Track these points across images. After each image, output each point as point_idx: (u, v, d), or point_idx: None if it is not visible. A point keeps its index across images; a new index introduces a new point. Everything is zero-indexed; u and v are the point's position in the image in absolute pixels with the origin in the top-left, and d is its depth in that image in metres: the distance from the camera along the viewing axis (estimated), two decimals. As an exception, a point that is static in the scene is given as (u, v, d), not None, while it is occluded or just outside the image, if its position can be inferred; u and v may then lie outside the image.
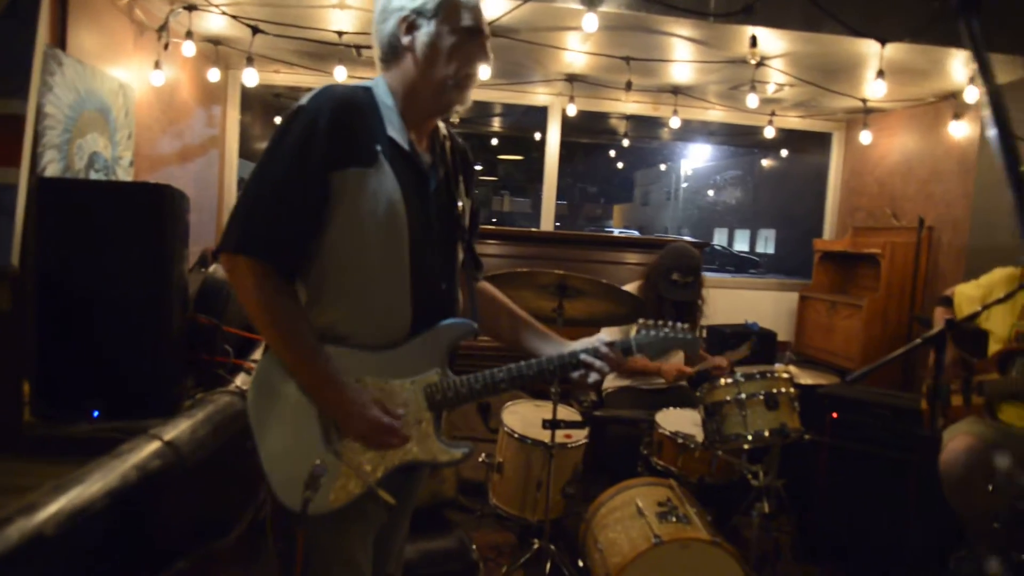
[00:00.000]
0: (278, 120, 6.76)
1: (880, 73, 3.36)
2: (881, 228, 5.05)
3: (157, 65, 3.73)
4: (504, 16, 3.38)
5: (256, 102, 5.98)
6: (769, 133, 4.86)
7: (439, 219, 1.57)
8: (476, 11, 1.53)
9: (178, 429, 1.77)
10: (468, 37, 1.50)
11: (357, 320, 1.47)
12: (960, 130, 4.36)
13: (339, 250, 1.44)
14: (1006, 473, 2.69)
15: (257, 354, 2.44)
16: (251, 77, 3.84)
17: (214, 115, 4.98)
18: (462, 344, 1.61)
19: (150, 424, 1.91)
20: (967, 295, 3.02)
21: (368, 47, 4.03)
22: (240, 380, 2.35)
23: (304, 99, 1.45)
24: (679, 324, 1.68)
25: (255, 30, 3.62)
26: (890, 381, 4.57)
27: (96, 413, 2.18)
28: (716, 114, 5.44)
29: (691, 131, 5.70)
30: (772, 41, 3.53)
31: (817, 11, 3.09)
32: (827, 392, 3.49)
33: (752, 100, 4.01)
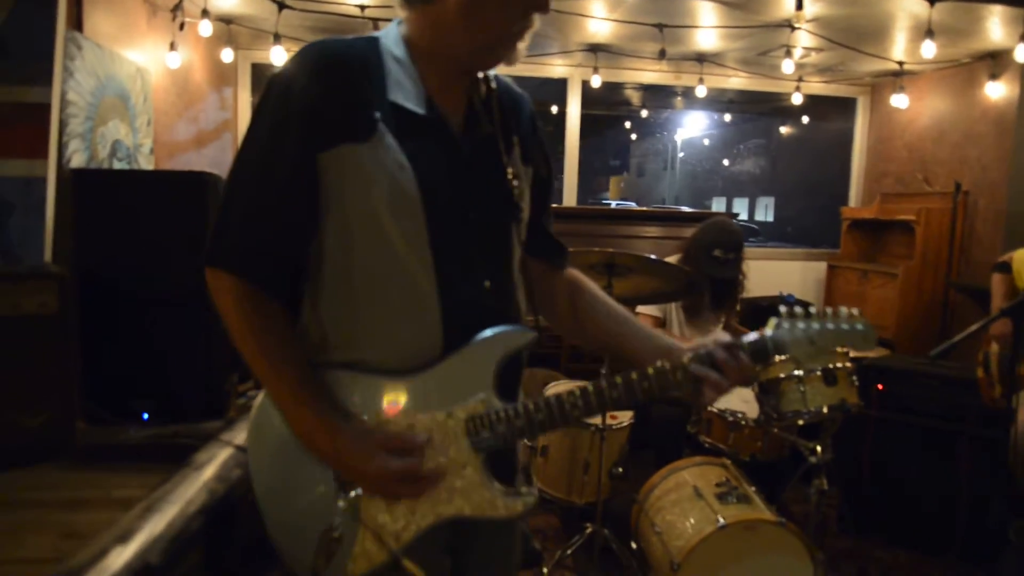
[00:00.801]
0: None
1: (929, 32, 3.26)
2: (912, 194, 4.97)
3: (172, 47, 3.61)
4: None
5: (262, 83, 5.85)
6: (797, 99, 4.75)
7: (480, 196, 1.22)
8: None
9: (243, 431, 1.69)
10: None
11: (372, 337, 1.16)
12: (997, 91, 4.26)
13: (339, 250, 1.15)
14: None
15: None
16: (280, 55, 3.71)
17: (226, 97, 4.86)
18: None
19: (206, 427, 1.83)
20: (1025, 261, 2.94)
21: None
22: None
23: (281, 65, 1.15)
24: (842, 310, 1.23)
25: (281, 5, 3.49)
26: (924, 347, 4.51)
27: (145, 416, 2.11)
28: (737, 81, 5.33)
29: (707, 100, 5.57)
30: (808, 4, 3.42)
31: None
32: (872, 363, 3.43)
33: (788, 66, 3.90)
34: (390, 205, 1.12)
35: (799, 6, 3.15)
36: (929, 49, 3.36)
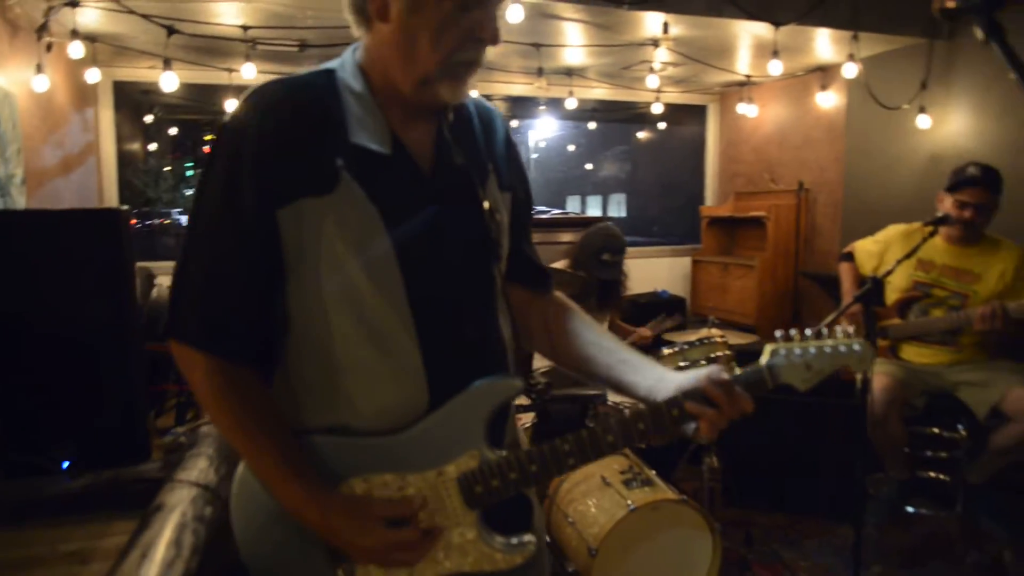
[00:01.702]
0: (149, 119, 6.34)
1: (775, 53, 3.66)
2: (762, 192, 5.48)
3: (39, 69, 3.43)
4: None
5: (124, 101, 5.58)
6: (657, 109, 5.12)
7: (456, 239, 1.12)
8: None
9: (198, 469, 1.70)
10: (465, 6, 1.02)
11: (351, 399, 1.08)
12: (828, 100, 4.79)
13: (308, 311, 1.06)
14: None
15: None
16: (170, 81, 3.59)
17: (88, 119, 4.63)
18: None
19: (143, 470, 1.83)
20: (867, 251, 3.36)
21: (272, 42, 3.90)
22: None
23: (230, 112, 1.06)
24: (837, 331, 1.19)
25: (171, 30, 3.40)
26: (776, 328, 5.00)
27: (65, 464, 2.05)
28: (601, 92, 5.66)
29: (574, 109, 5.88)
30: (672, 26, 3.75)
31: (718, -1, 3.31)
32: (744, 349, 3.79)
33: (652, 80, 4.23)
34: (360, 259, 1.03)
35: (665, 30, 3.47)
36: (776, 67, 3.78)
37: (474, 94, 1.20)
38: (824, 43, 4.20)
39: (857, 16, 3.62)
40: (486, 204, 1.15)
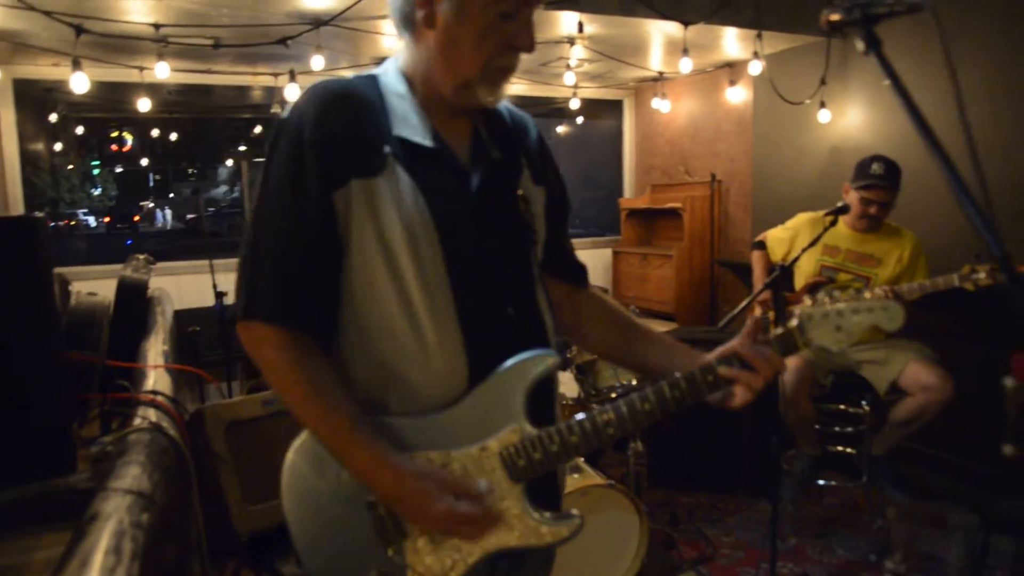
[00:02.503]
0: (53, 118, 6.07)
1: (684, 51, 3.80)
2: (677, 184, 5.67)
3: (-66, 70, 3.26)
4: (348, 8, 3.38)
5: (26, 99, 5.33)
6: (575, 104, 5.24)
7: (494, 223, 1.20)
8: None
9: (131, 477, 1.68)
10: (506, 14, 1.11)
11: (395, 377, 1.13)
12: (736, 95, 5.00)
13: (358, 288, 1.12)
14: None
15: (151, 381, 2.33)
16: (81, 82, 3.46)
17: (-14, 119, 4.41)
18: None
19: (72, 480, 1.79)
20: (777, 238, 3.54)
21: (185, 40, 3.81)
22: (152, 415, 2.23)
23: (285, 110, 1.16)
24: (865, 294, 1.19)
25: (79, 29, 3.28)
26: (698, 319, 5.21)
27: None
28: (520, 88, 5.74)
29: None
30: (587, 24, 3.84)
31: (631, -2, 3.43)
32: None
33: (569, 77, 4.33)
34: (406, 236, 1.10)
35: (580, 29, 3.56)
36: (686, 65, 3.93)
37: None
38: (731, 41, 4.38)
39: (760, 16, 3.80)
40: (520, 192, 1.24)
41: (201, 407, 2.56)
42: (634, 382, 3.12)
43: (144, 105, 4.18)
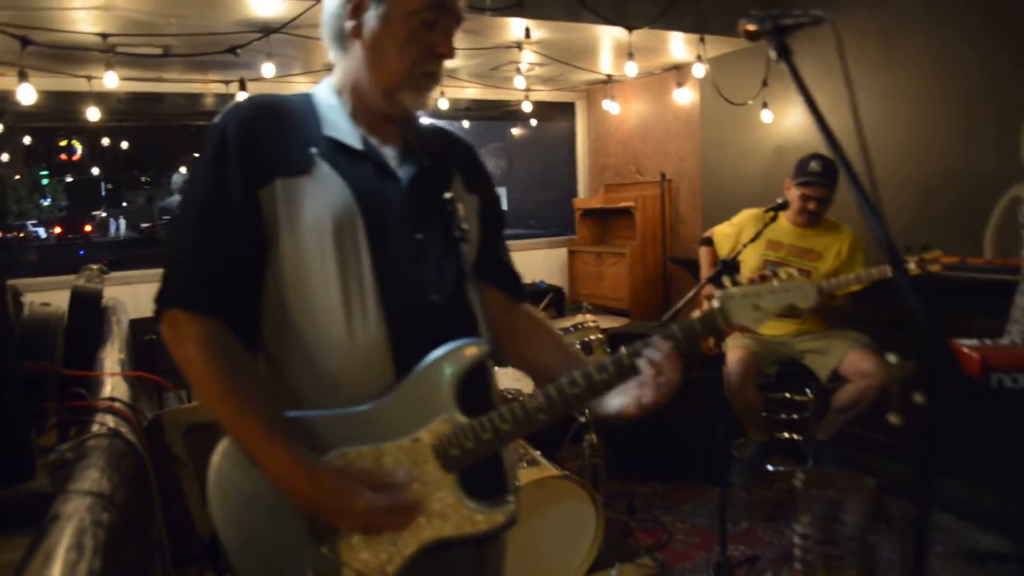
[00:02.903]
0: (-1, 128, 5.97)
1: (630, 55, 3.91)
2: (629, 184, 5.79)
3: None
4: (301, 15, 3.42)
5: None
6: (527, 107, 5.33)
7: (423, 218, 1.23)
8: None
9: (90, 479, 1.71)
10: (428, 23, 1.17)
11: (320, 370, 1.15)
12: (684, 96, 5.13)
13: (284, 283, 1.15)
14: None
15: (108, 389, 2.35)
16: (27, 93, 3.43)
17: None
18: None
19: (31, 487, 1.81)
20: (724, 234, 3.67)
21: (133, 50, 3.81)
22: (110, 421, 2.25)
23: (217, 116, 1.20)
24: (781, 273, 1.24)
25: (24, 41, 3.26)
26: (652, 314, 5.34)
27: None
28: (473, 92, 5.82)
29: (448, 109, 6.01)
30: (533, 30, 3.94)
31: (576, 3, 3.52)
32: (617, 331, 4.05)
33: (519, 81, 4.41)
34: (332, 230, 1.13)
35: (527, 35, 3.65)
36: (632, 68, 4.04)
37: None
38: (677, 44, 4.51)
39: (703, 21, 3.93)
40: (449, 193, 1.27)
41: (159, 412, 2.59)
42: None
43: (94, 114, 4.16)
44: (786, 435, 3.57)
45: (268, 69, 3.81)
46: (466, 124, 6.65)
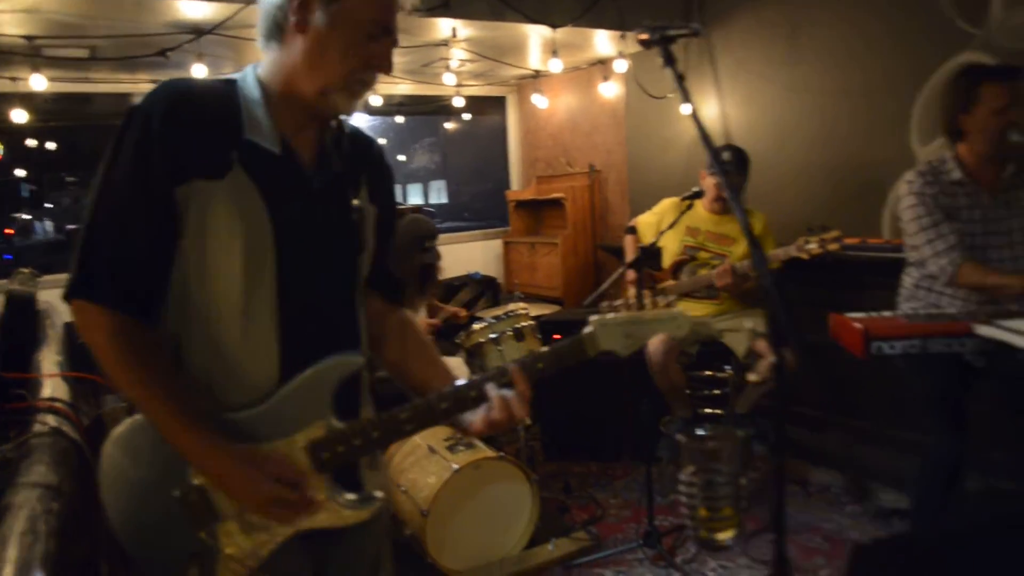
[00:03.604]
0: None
1: (554, 52, 4.07)
2: (560, 175, 5.96)
3: None
4: (230, 18, 3.46)
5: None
6: (459, 102, 5.44)
7: (328, 230, 1.29)
8: (391, 9, 1.25)
9: (38, 473, 1.77)
10: (372, 36, 1.22)
11: (216, 370, 1.21)
12: (610, 90, 5.31)
13: (192, 283, 1.20)
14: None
15: (48, 390, 2.39)
16: None
17: None
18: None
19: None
20: (646, 223, 3.85)
21: (59, 52, 3.78)
22: (51, 420, 2.30)
23: (142, 97, 1.19)
24: (659, 301, 1.31)
25: None
26: (581, 299, 5.52)
27: None
28: (406, 87, 5.90)
29: (381, 105, 6.07)
30: (461, 28, 4.06)
31: (500, 3, 3.65)
32: (549, 318, 4.21)
33: (449, 78, 4.52)
34: (241, 237, 1.18)
35: (454, 34, 3.76)
36: (556, 65, 4.20)
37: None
38: (601, 40, 4.67)
39: (623, 18, 4.10)
40: (356, 202, 1.34)
41: (100, 412, 2.63)
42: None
43: (19, 116, 4.11)
44: (708, 410, 3.78)
45: (199, 70, 3.83)
46: (400, 119, 6.72)
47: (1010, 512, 2.38)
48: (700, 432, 3.25)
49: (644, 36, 1.48)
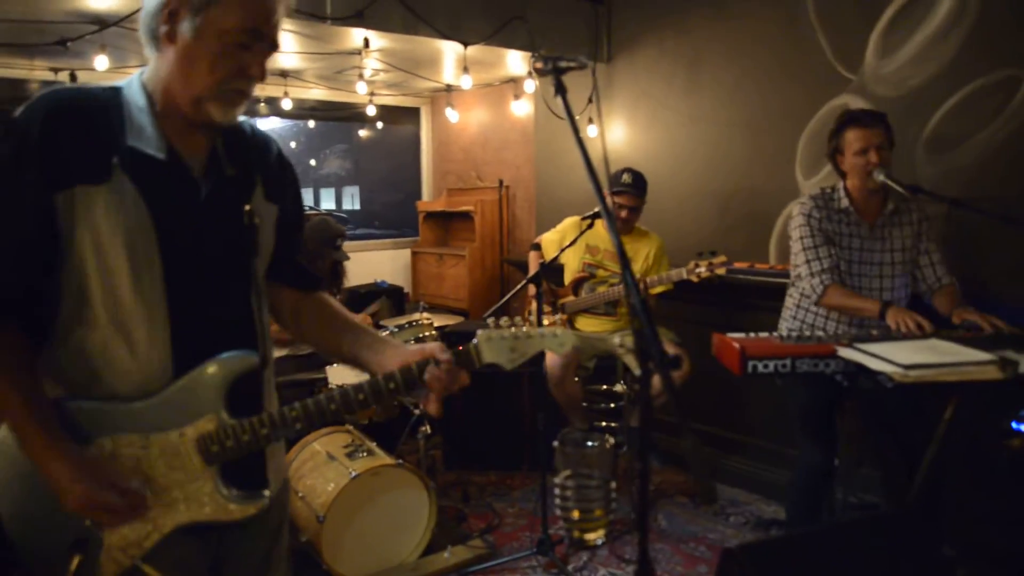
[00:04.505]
0: None
1: (465, 69, 4.15)
2: (470, 188, 6.05)
3: None
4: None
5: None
6: (371, 111, 5.45)
7: (217, 233, 1.30)
8: (261, 14, 1.22)
9: None
10: (243, 44, 1.21)
11: (106, 366, 1.24)
12: (520, 108, 5.43)
13: (77, 285, 1.21)
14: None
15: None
16: None
17: None
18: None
19: None
20: (550, 240, 3.98)
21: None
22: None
23: (19, 109, 1.20)
24: (545, 320, 1.45)
25: None
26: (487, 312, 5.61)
27: None
28: (319, 93, 5.86)
29: (292, 109, 6.02)
30: (375, 39, 4.09)
31: (413, 18, 3.71)
32: (453, 330, 4.28)
33: (361, 87, 4.54)
34: (124, 242, 1.19)
35: (367, 44, 3.79)
36: (467, 81, 4.28)
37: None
38: (513, 59, 4.79)
39: (533, 40, 4.23)
40: (247, 207, 1.34)
41: None
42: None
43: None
44: (604, 423, 3.93)
45: (101, 62, 3.72)
46: (312, 124, 6.66)
47: (868, 516, 2.59)
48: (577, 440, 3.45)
49: (538, 65, 1.57)
